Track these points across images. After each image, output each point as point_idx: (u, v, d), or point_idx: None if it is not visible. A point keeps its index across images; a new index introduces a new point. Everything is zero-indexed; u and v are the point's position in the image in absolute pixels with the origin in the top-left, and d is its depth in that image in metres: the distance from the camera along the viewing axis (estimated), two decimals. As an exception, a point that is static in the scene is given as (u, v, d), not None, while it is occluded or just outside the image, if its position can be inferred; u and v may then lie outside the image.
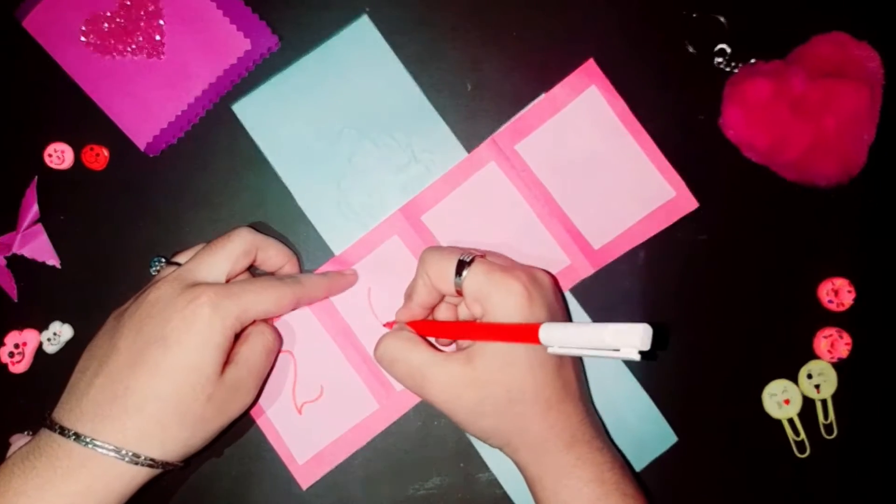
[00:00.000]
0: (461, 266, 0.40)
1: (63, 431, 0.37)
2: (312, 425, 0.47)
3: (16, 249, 0.48)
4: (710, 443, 0.47)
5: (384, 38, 0.48)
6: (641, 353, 0.32)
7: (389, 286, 0.47)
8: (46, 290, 0.49)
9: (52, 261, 0.48)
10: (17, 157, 0.49)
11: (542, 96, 0.48)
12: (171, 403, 0.37)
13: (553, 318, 0.40)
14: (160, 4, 0.48)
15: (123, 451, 0.37)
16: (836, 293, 0.47)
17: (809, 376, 0.47)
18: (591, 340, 0.34)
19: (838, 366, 0.47)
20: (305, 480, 0.47)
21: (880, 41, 0.46)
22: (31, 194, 0.48)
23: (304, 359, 0.47)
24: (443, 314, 0.45)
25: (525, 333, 0.37)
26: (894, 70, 0.46)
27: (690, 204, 0.47)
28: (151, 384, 0.37)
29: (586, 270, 0.47)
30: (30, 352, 0.48)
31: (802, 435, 0.47)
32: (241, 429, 0.47)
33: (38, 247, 0.48)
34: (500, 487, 0.47)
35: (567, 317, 0.46)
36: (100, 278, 0.48)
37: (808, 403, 0.47)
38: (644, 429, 0.47)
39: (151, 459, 0.37)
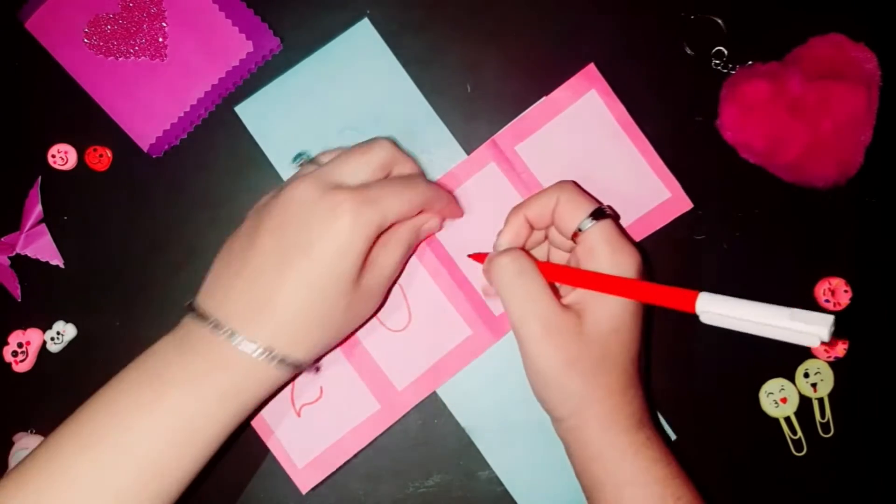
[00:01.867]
0: (596, 214, 0.40)
1: (217, 327, 0.37)
2: (312, 428, 0.47)
3: (19, 249, 0.48)
4: (708, 441, 0.48)
5: (385, 40, 0.49)
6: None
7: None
8: (50, 290, 0.49)
9: (56, 261, 0.49)
10: (20, 158, 0.49)
11: (543, 99, 0.48)
12: (315, 311, 0.38)
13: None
14: (162, 6, 0.48)
15: (273, 353, 0.37)
16: (833, 293, 0.47)
17: (806, 375, 0.47)
18: (769, 317, 0.32)
19: (835, 365, 0.47)
20: (305, 485, 0.46)
21: (877, 42, 0.46)
22: (35, 195, 0.48)
23: None
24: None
25: (680, 298, 0.35)
26: (891, 71, 0.46)
27: (685, 205, 0.47)
28: (297, 292, 0.37)
29: (585, 270, 0.47)
30: (33, 351, 0.48)
31: (799, 433, 0.47)
32: (242, 427, 0.47)
33: (42, 247, 0.48)
34: (501, 485, 0.47)
35: None
36: (103, 278, 0.49)
37: (804, 402, 0.48)
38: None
39: (296, 362, 0.39)
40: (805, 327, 0.31)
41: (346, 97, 0.48)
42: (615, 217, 0.41)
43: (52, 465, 0.35)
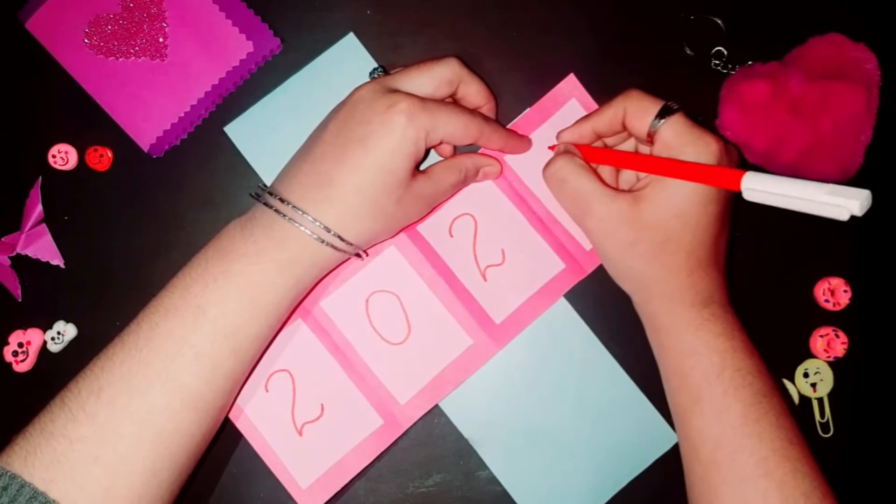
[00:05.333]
0: (665, 112, 0.41)
1: (282, 203, 0.41)
2: (314, 447, 0.46)
3: (20, 249, 0.48)
4: (708, 441, 0.48)
5: (383, 41, 0.49)
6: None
7: (387, 297, 0.47)
8: (50, 290, 0.49)
9: (56, 261, 0.49)
10: (21, 158, 0.49)
11: (528, 109, 0.48)
12: (368, 198, 0.40)
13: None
14: (163, 6, 0.48)
15: (327, 229, 0.40)
16: (833, 293, 0.48)
17: (806, 375, 0.47)
18: (804, 192, 0.33)
19: (834, 365, 0.47)
20: None
21: (877, 42, 0.46)
22: (35, 195, 0.48)
23: (303, 377, 0.46)
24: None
25: (725, 177, 0.37)
26: (891, 71, 0.46)
27: None
28: (352, 179, 0.40)
29: (581, 273, 0.47)
30: (34, 351, 0.48)
31: (799, 433, 0.47)
32: (244, 448, 0.47)
33: (42, 247, 0.49)
34: (500, 485, 0.47)
35: None
36: (103, 278, 0.49)
37: (804, 402, 0.48)
38: (644, 430, 0.47)
39: (349, 242, 0.41)
40: (837, 200, 0.32)
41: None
42: (683, 110, 0.42)
43: (141, 328, 0.40)
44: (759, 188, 0.35)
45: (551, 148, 0.47)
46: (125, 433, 0.38)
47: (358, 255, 0.44)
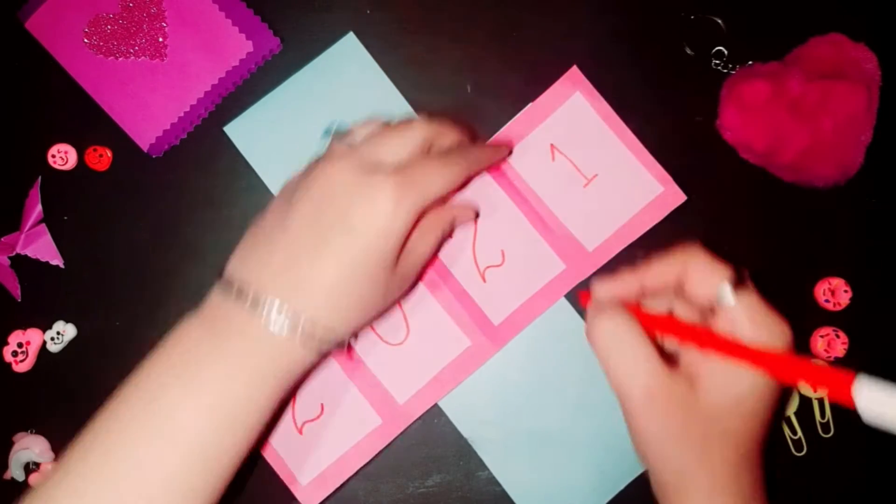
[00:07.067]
0: (734, 283, 0.36)
1: (255, 304, 0.36)
2: (314, 445, 0.46)
3: (19, 249, 0.48)
4: (708, 441, 0.47)
5: (384, 40, 0.49)
6: None
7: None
8: (50, 290, 0.49)
9: (56, 261, 0.49)
10: (20, 158, 0.49)
11: (530, 105, 0.48)
12: (355, 290, 0.37)
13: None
14: (162, 6, 0.48)
15: (314, 329, 0.37)
16: (833, 293, 0.47)
17: (806, 375, 0.47)
18: None
19: (835, 365, 0.47)
20: (310, 502, 0.46)
21: (877, 42, 0.46)
22: (35, 195, 0.48)
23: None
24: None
25: (834, 381, 0.30)
26: (891, 71, 0.46)
27: (678, 198, 0.47)
28: (337, 272, 0.37)
29: (583, 274, 0.47)
30: (33, 351, 0.48)
31: (799, 433, 0.47)
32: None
33: (42, 247, 0.49)
34: (500, 485, 0.47)
35: None
36: (103, 278, 0.49)
37: (805, 402, 0.48)
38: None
39: (335, 339, 0.38)
40: None
41: (334, 111, 0.48)
42: (751, 278, 0.37)
43: (86, 465, 0.35)
44: (876, 404, 0.29)
45: (584, 300, 0.41)
46: None
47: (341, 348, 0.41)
